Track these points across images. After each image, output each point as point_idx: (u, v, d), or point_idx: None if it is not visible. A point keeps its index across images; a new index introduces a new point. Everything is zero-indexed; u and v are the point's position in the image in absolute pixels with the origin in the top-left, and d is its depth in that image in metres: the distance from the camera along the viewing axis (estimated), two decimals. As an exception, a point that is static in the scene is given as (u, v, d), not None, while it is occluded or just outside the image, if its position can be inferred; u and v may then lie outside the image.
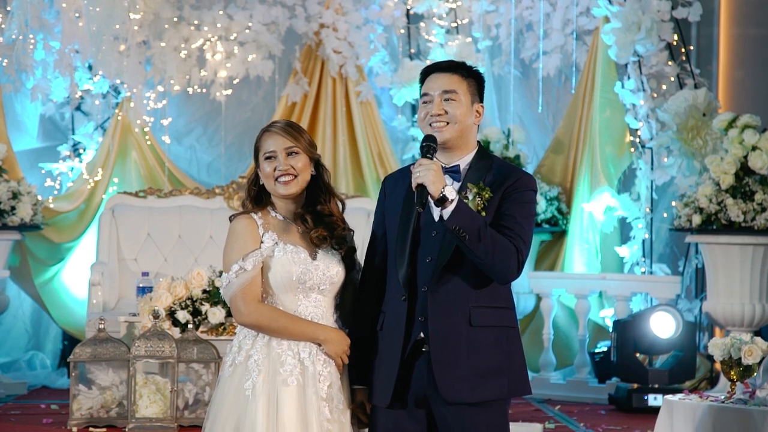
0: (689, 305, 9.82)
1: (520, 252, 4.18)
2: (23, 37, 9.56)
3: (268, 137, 4.42)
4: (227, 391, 4.33)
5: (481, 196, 4.19)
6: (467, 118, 4.29)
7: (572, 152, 10.23)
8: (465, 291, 4.21)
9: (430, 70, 4.35)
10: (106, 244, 9.72)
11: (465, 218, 4.10)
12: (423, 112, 4.31)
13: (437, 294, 4.20)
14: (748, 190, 8.85)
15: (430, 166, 4.12)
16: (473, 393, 4.18)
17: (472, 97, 4.31)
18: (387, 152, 10.45)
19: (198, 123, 10.69)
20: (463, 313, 4.20)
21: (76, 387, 7.51)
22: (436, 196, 4.10)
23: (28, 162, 10.16)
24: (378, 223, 4.41)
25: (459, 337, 4.19)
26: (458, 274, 4.20)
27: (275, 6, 10.45)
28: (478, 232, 4.09)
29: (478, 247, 4.10)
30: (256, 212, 4.43)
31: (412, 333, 4.23)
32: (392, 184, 4.41)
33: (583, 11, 10.30)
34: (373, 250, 4.41)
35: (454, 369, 4.18)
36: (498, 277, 4.19)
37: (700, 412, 5.67)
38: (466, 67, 4.34)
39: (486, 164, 4.29)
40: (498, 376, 4.21)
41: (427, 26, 10.60)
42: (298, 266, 4.33)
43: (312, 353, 4.33)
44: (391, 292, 4.30)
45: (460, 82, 4.30)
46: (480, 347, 4.20)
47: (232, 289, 4.33)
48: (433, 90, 4.29)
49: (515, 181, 4.24)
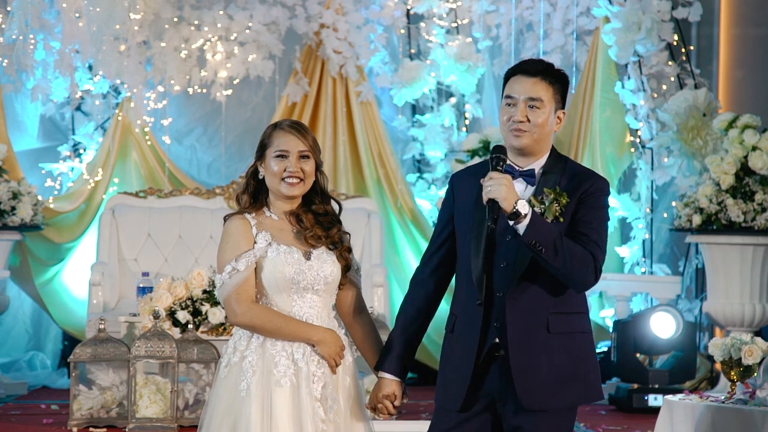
0: (689, 305, 9.82)
1: (597, 259, 4.13)
2: (23, 37, 9.55)
3: (281, 135, 4.37)
4: (222, 392, 4.32)
5: (559, 202, 4.12)
6: (549, 126, 4.22)
7: (572, 152, 10.23)
8: (542, 298, 4.16)
9: (516, 70, 4.24)
10: (107, 245, 9.72)
11: (540, 232, 4.04)
12: (506, 115, 4.20)
13: (515, 300, 4.15)
14: (749, 190, 8.85)
15: (501, 181, 4.03)
16: (552, 400, 4.16)
17: (556, 105, 4.24)
18: (387, 152, 10.45)
19: (198, 123, 10.69)
20: (541, 319, 4.15)
21: (76, 387, 7.51)
22: (509, 211, 4.02)
23: (28, 162, 10.16)
24: (445, 222, 4.33)
25: (537, 343, 4.14)
26: (535, 280, 4.15)
27: (275, 6, 10.45)
28: (554, 244, 4.04)
29: (556, 260, 4.05)
30: (250, 212, 4.40)
31: (487, 338, 4.19)
32: (461, 184, 4.32)
33: (583, 11, 10.30)
34: (435, 247, 4.34)
35: (534, 376, 4.14)
36: (575, 285, 4.15)
37: (701, 412, 5.66)
38: (553, 72, 4.23)
39: (560, 167, 4.22)
40: (574, 382, 4.18)
41: (427, 26, 10.60)
42: (291, 266, 4.31)
43: (306, 354, 4.31)
44: (464, 295, 4.25)
45: (546, 89, 4.21)
46: (557, 354, 4.16)
47: (225, 289, 4.31)
48: (518, 94, 4.19)
49: (591, 185, 4.18)
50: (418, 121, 10.61)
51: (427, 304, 4.35)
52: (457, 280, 4.31)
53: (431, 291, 4.35)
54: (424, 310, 4.36)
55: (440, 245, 4.34)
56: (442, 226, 4.35)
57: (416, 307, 4.36)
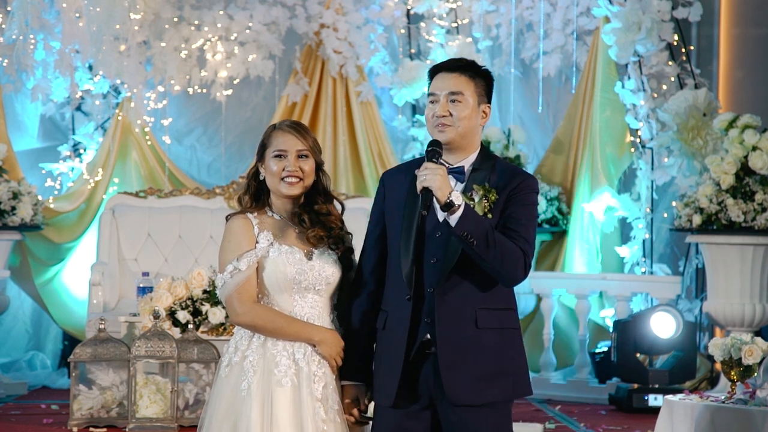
0: (689, 305, 9.82)
1: (527, 255, 4.18)
2: (23, 37, 9.55)
3: (279, 135, 4.40)
4: (223, 392, 4.33)
5: (488, 198, 4.18)
6: (473, 119, 4.27)
7: (572, 152, 10.23)
8: (472, 293, 4.20)
9: (438, 69, 4.32)
10: (107, 244, 9.73)
11: (473, 224, 4.08)
12: (430, 112, 4.28)
13: (445, 296, 4.19)
14: (749, 190, 8.85)
15: (436, 171, 4.09)
16: (480, 395, 4.19)
17: (479, 98, 4.29)
18: (387, 152, 10.45)
19: (198, 123, 10.70)
20: (470, 315, 4.19)
21: (76, 387, 7.51)
22: (443, 201, 4.07)
23: (28, 162, 10.17)
24: (376, 220, 4.37)
25: (466, 339, 4.18)
26: (465, 276, 4.19)
27: (275, 6, 10.46)
28: (486, 237, 4.08)
29: (487, 253, 4.09)
30: (252, 212, 4.42)
31: (418, 334, 4.21)
32: (391, 181, 4.37)
33: (583, 11, 10.30)
34: (370, 246, 4.37)
35: (461, 372, 4.17)
36: (505, 280, 4.19)
37: (701, 412, 5.67)
38: (474, 67, 4.31)
39: (489, 165, 4.27)
40: (503, 377, 4.22)
41: (427, 26, 10.61)
42: (292, 266, 4.32)
43: (307, 354, 4.33)
44: (394, 291, 4.28)
45: (467, 83, 4.27)
46: (485, 349, 4.20)
47: (227, 289, 4.33)
48: (440, 90, 4.27)
49: (519, 183, 4.23)
50: (418, 121, 10.61)
51: (371, 305, 4.36)
52: (388, 277, 4.32)
53: (373, 291, 4.36)
54: (369, 311, 4.36)
55: (374, 244, 4.36)
56: (374, 224, 4.38)
57: (361, 311, 4.36)
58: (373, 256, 4.36)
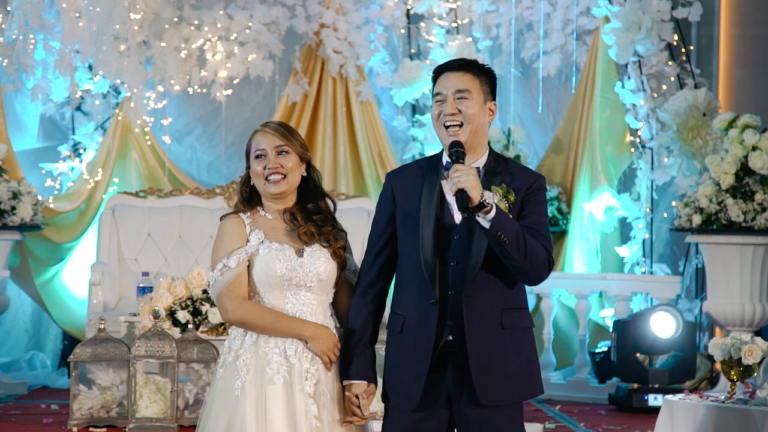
0: (689, 305, 9.82)
1: (550, 254, 4.22)
2: (23, 37, 9.56)
3: (258, 136, 4.43)
4: (218, 392, 4.34)
5: (507, 199, 4.19)
6: (481, 116, 4.28)
7: (572, 152, 10.24)
8: (496, 294, 4.22)
9: (442, 69, 4.32)
10: (107, 244, 9.73)
11: (505, 223, 4.10)
12: (437, 111, 4.28)
13: (471, 298, 4.19)
14: (749, 190, 8.85)
15: (468, 172, 4.08)
16: (509, 395, 4.23)
17: (485, 96, 4.30)
18: (387, 152, 10.45)
19: (198, 123, 10.70)
20: (496, 316, 4.21)
21: (76, 387, 7.51)
22: (477, 201, 4.06)
23: (28, 162, 10.17)
24: (385, 221, 4.35)
25: (493, 340, 4.20)
26: (489, 277, 4.21)
27: (275, 6, 10.46)
28: (516, 236, 4.10)
29: (517, 252, 4.10)
30: (245, 212, 4.44)
31: (442, 336, 4.22)
32: (400, 181, 4.34)
33: (583, 11, 10.30)
34: (378, 248, 4.35)
35: (491, 372, 4.19)
36: (529, 279, 4.21)
37: (701, 412, 5.67)
38: (478, 65, 4.31)
39: (502, 165, 4.31)
40: (525, 377, 4.26)
41: (427, 26, 10.61)
42: (282, 263, 4.33)
43: (298, 351, 4.33)
44: (410, 294, 4.26)
45: (472, 81, 4.28)
46: (510, 350, 4.23)
47: (217, 286, 4.34)
48: (446, 89, 4.27)
49: (534, 183, 4.29)
50: (418, 121, 10.61)
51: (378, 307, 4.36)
52: (401, 280, 4.32)
53: (380, 292, 4.36)
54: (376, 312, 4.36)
55: (383, 247, 4.35)
56: (383, 226, 4.35)
57: (368, 311, 4.35)
58: (381, 258, 4.35)
